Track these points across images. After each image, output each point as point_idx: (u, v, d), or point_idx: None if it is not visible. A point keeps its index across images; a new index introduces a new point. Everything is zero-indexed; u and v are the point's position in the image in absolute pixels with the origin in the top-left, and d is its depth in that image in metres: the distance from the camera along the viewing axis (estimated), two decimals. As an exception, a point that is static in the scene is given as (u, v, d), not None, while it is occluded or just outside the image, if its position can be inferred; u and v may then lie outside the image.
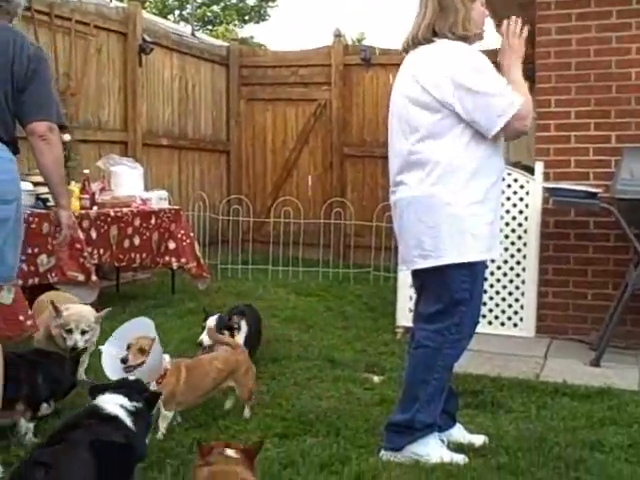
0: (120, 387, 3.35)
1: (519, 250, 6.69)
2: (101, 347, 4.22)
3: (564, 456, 4.01)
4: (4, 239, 3.56)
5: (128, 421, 3.16)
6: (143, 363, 3.97)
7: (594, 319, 6.41)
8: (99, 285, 6.50)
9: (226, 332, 5.09)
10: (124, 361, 3.96)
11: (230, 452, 2.94)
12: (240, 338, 5.13)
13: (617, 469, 3.91)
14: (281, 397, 4.76)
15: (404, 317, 6.77)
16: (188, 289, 7.94)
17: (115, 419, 3.14)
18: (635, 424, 4.56)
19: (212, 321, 5.11)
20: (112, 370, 4.00)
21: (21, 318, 4.85)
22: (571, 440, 4.25)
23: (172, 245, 7.56)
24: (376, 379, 5.38)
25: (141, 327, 4.15)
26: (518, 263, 6.68)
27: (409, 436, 3.90)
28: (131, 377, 3.71)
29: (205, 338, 4.90)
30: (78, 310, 4.75)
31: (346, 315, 7.35)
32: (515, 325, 6.69)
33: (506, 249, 6.60)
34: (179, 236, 7.60)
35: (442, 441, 4.01)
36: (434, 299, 3.91)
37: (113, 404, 3.19)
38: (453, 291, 3.84)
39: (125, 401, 3.23)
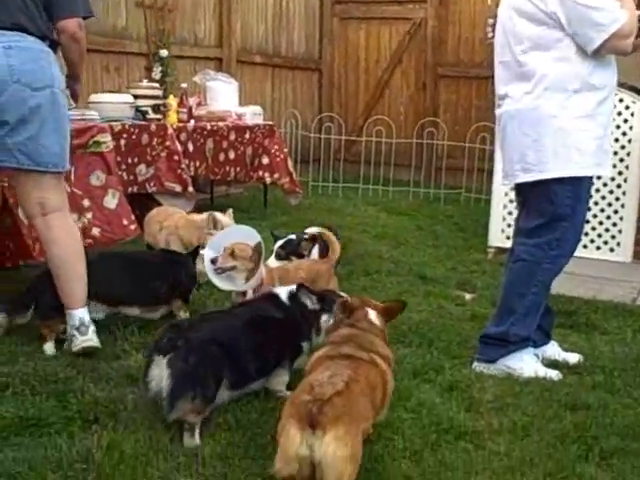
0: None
1: (620, 173, 6.47)
2: (202, 251, 4.35)
3: (661, 378, 3.96)
4: (40, 125, 3.66)
5: (288, 302, 3.49)
6: (234, 268, 4.09)
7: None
8: (195, 197, 6.64)
9: (294, 258, 4.94)
10: (213, 262, 4.08)
11: (373, 316, 3.17)
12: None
13: None
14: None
15: (496, 237, 6.71)
16: (280, 204, 8.04)
17: (276, 298, 3.52)
18: None
19: (279, 244, 5.04)
20: (212, 272, 4.13)
21: (125, 222, 5.06)
22: (670, 361, 4.18)
23: (266, 160, 7.63)
24: (468, 296, 5.39)
25: (241, 234, 4.25)
26: (619, 186, 6.47)
27: (503, 349, 3.91)
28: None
29: (272, 260, 4.92)
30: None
31: (437, 234, 7.32)
32: (611, 250, 6.52)
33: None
34: (273, 151, 7.65)
35: (536, 356, 4.01)
36: (536, 214, 3.86)
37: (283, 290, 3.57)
38: (556, 206, 3.77)
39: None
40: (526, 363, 3.90)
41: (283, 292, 3.58)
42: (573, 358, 4.12)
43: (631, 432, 3.25)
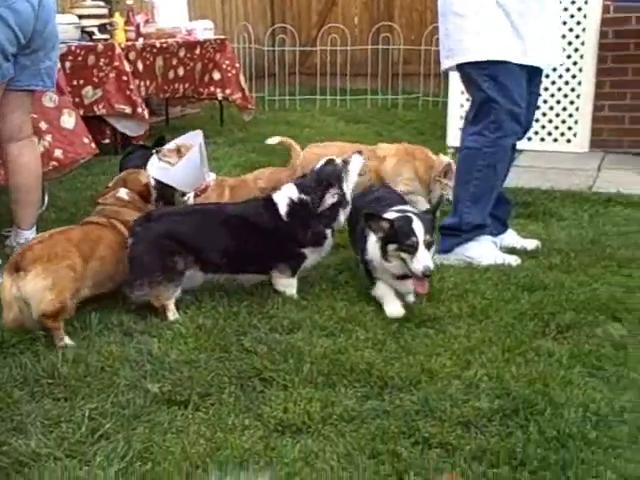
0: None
1: (575, 63, 6.46)
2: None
3: (616, 256, 4.04)
4: (56, 50, 4.07)
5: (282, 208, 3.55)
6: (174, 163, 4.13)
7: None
8: (147, 119, 6.51)
9: None
10: (157, 152, 4.17)
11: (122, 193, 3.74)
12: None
13: (671, 265, 3.94)
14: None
15: (454, 137, 6.69)
16: (237, 121, 7.94)
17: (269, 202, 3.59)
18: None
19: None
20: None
21: (86, 141, 4.97)
22: (624, 242, 4.27)
23: (217, 76, 7.49)
24: (427, 196, 5.40)
25: (191, 138, 4.23)
26: (574, 77, 6.47)
27: (457, 238, 3.99)
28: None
29: None
30: None
31: (396, 139, 7.27)
32: (569, 141, 6.57)
33: (561, 64, 6.35)
34: (224, 67, 7.51)
35: (495, 244, 4.07)
36: (472, 102, 4.01)
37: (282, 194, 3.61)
38: (479, 89, 3.87)
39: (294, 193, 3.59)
40: (485, 251, 3.96)
41: (281, 198, 3.60)
42: (531, 244, 4.19)
43: (586, 306, 3.34)
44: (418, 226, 3.28)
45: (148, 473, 2.28)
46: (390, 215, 3.39)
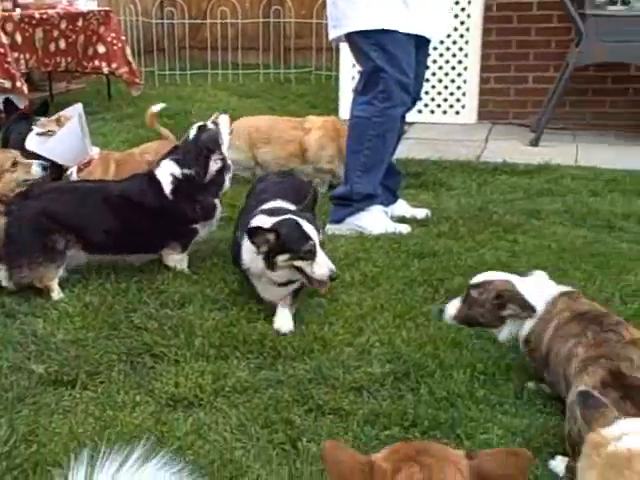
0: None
1: (462, 36, 6.57)
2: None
3: (503, 222, 4.17)
4: None
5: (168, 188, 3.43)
6: (52, 132, 4.01)
7: (534, 102, 6.44)
8: (26, 93, 6.20)
9: None
10: (36, 122, 4.06)
11: None
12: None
13: (551, 231, 4.09)
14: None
15: (347, 111, 6.70)
16: (125, 96, 7.69)
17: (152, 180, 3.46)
18: (570, 194, 4.72)
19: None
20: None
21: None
22: (510, 209, 4.41)
23: (102, 49, 7.23)
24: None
25: (71, 110, 4.09)
26: (460, 49, 6.59)
27: (348, 208, 4.02)
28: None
29: None
30: None
31: (290, 113, 7.24)
32: (457, 113, 6.70)
33: (448, 36, 6.47)
34: (109, 39, 7.25)
35: (385, 214, 4.12)
36: (361, 73, 4.03)
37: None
38: (367, 59, 3.89)
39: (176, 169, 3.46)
40: (376, 220, 3.99)
41: (163, 175, 3.48)
42: (421, 213, 4.26)
43: (474, 271, 3.38)
44: (309, 228, 2.96)
45: (33, 455, 2.20)
46: (269, 223, 2.97)
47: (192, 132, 3.55)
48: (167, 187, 3.44)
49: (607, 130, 6.24)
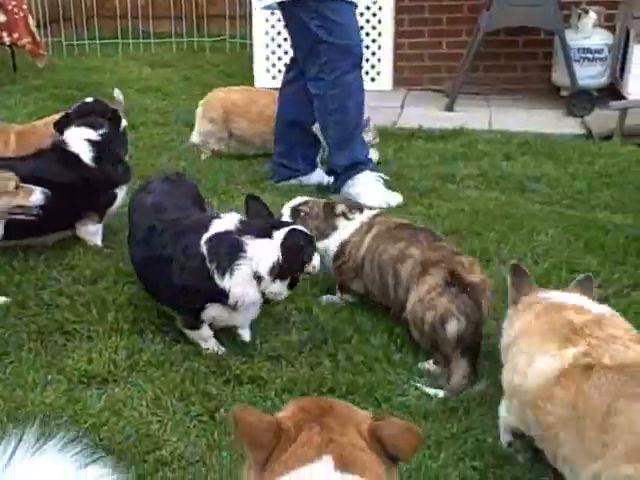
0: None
1: (375, 2, 6.54)
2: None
3: (418, 187, 4.21)
4: None
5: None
6: None
7: (449, 68, 6.49)
8: None
9: None
10: None
11: None
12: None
13: (466, 194, 4.15)
14: (139, 159, 4.63)
15: (262, 78, 6.67)
16: (32, 67, 7.38)
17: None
18: (485, 157, 4.79)
19: None
20: None
21: None
22: (425, 174, 4.45)
23: (2, 18, 6.89)
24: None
25: None
26: (374, 15, 6.56)
27: (337, 180, 4.12)
28: None
29: None
30: None
31: (204, 83, 7.09)
32: (373, 80, 6.67)
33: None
34: (10, 8, 6.89)
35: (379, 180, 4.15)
36: (298, 49, 3.99)
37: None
38: (304, 30, 3.81)
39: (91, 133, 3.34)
40: (369, 190, 3.99)
41: (78, 144, 3.35)
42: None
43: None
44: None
45: None
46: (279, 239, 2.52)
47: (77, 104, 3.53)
48: (86, 155, 3.33)
49: (519, 94, 6.34)
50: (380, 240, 2.81)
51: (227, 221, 2.58)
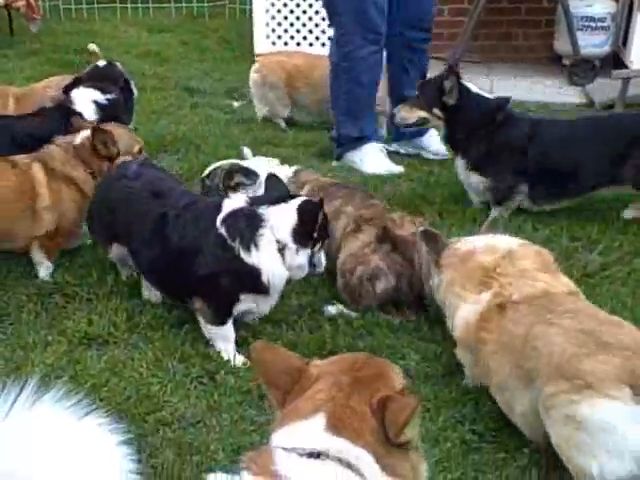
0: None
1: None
2: None
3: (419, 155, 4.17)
4: None
5: None
6: None
7: (450, 35, 6.42)
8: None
9: None
10: None
11: None
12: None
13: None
14: (138, 124, 4.59)
15: (261, 45, 6.57)
16: (29, 32, 7.32)
17: None
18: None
19: None
20: None
21: None
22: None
23: (-3, -22, 6.82)
24: (236, 104, 5.29)
25: None
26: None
27: (340, 148, 4.11)
28: None
29: None
30: None
31: (203, 48, 7.06)
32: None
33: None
34: (7, -31, 6.85)
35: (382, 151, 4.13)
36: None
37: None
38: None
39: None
40: (370, 160, 4.00)
41: (82, 102, 3.39)
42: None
43: (390, 201, 3.42)
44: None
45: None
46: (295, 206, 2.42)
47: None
48: (89, 116, 3.31)
49: (521, 62, 6.30)
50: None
51: (237, 200, 2.51)
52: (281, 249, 2.37)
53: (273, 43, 6.50)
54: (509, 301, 2.07)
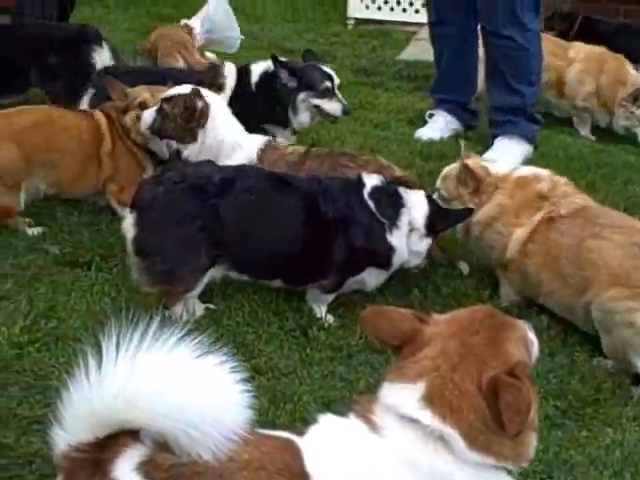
0: None
1: None
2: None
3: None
4: None
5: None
6: None
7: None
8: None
9: None
10: None
11: None
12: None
13: (559, 139, 4.08)
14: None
15: (355, 8, 6.59)
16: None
17: None
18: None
19: None
20: None
21: None
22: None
23: None
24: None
25: None
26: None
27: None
28: None
29: None
30: None
31: (295, 7, 7.08)
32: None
33: None
34: None
35: None
36: None
37: None
38: None
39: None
40: None
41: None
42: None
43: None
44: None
45: (53, 330, 2.26)
46: None
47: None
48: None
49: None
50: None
51: (375, 176, 2.52)
52: (410, 231, 2.45)
53: (367, 7, 6.50)
54: (557, 215, 2.46)
